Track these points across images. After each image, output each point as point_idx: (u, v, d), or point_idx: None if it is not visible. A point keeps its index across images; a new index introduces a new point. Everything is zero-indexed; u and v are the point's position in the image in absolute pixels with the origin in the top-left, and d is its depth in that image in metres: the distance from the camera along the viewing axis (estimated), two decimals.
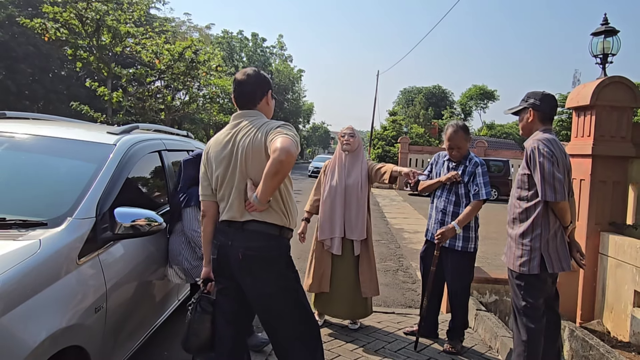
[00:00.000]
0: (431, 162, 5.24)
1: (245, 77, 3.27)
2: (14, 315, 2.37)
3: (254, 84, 3.28)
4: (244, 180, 3.08)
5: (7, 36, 29.90)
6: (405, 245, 11.70)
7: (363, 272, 5.12)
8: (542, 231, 3.78)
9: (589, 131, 5.57)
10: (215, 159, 3.20)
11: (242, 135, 3.11)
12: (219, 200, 3.24)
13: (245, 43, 57.00)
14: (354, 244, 5.12)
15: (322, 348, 3.38)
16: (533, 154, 3.75)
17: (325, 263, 5.16)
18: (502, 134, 57.75)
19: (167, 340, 4.81)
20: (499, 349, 4.87)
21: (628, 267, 5.02)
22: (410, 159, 33.67)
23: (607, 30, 6.86)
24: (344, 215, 5.09)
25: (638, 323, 4.83)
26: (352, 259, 5.14)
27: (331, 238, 5.10)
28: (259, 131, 3.06)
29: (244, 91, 3.27)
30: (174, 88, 20.58)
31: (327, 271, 5.14)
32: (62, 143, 3.87)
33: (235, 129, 3.18)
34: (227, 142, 3.17)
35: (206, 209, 3.32)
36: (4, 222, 2.93)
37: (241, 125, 3.17)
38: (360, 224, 5.08)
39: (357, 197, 5.09)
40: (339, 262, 5.13)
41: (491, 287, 6.05)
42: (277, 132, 2.96)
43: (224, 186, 3.17)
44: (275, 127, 3.02)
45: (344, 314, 5.27)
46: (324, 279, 5.13)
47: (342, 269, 5.12)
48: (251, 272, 3.11)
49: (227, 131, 3.23)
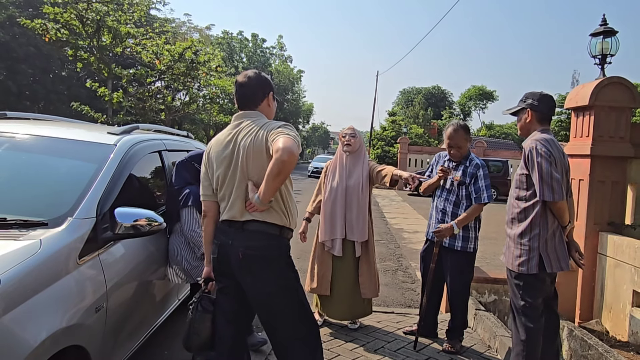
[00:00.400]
0: (432, 162, 5.24)
1: (246, 80, 3.27)
2: (14, 315, 2.37)
3: (255, 86, 3.27)
4: (244, 180, 3.08)
5: (8, 37, 29.89)
6: (404, 245, 11.70)
7: (363, 273, 5.11)
8: (541, 231, 3.78)
9: (588, 131, 5.57)
10: (216, 159, 3.20)
11: (243, 135, 3.10)
12: (219, 200, 3.24)
13: (245, 44, 56.99)
14: (355, 246, 5.10)
15: (321, 348, 3.37)
16: (531, 154, 3.75)
17: (326, 265, 5.14)
18: (501, 134, 57.78)
19: (167, 340, 4.81)
20: (497, 349, 4.87)
21: (627, 267, 5.02)
22: (410, 159, 33.68)
23: (606, 31, 6.86)
24: (345, 216, 5.07)
25: (637, 323, 4.83)
26: (353, 260, 5.12)
27: (332, 239, 5.09)
28: (260, 130, 3.06)
29: (245, 93, 3.26)
30: (174, 88, 20.58)
31: (327, 273, 5.13)
32: (62, 143, 3.87)
33: (236, 129, 3.17)
34: (228, 142, 3.17)
35: (207, 209, 3.31)
36: (4, 222, 2.93)
37: (242, 125, 3.17)
38: (361, 225, 5.06)
39: (358, 198, 5.07)
40: (339, 263, 5.12)
41: (490, 286, 6.05)
42: (278, 132, 2.96)
43: (225, 186, 3.17)
44: (277, 127, 3.02)
45: (344, 315, 5.26)
46: (325, 281, 5.11)
47: (342, 271, 5.11)
48: (251, 272, 3.11)
49: (228, 131, 3.23)
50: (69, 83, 34.34)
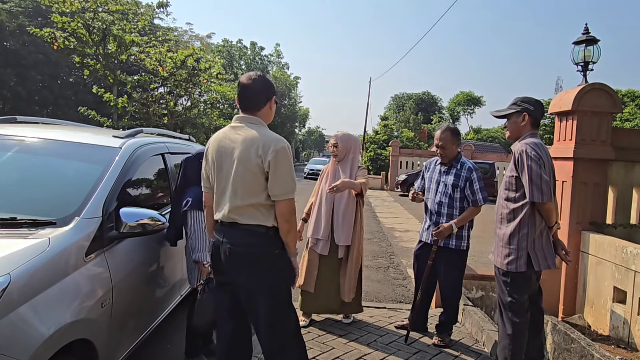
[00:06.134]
0: (423, 170, 5.24)
1: (250, 82, 3.16)
2: (25, 310, 2.38)
3: (260, 89, 3.17)
4: (233, 189, 3.04)
5: (18, 45, 29.84)
6: (396, 244, 11.68)
7: (342, 276, 5.09)
8: (529, 231, 3.79)
9: (571, 135, 5.58)
10: (212, 157, 3.16)
11: (241, 143, 3.03)
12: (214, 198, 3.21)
13: (244, 51, 57.06)
14: (339, 248, 5.07)
15: (304, 347, 3.35)
16: (521, 157, 3.75)
17: (313, 262, 5.12)
18: (488, 137, 57.78)
19: (169, 334, 4.80)
20: (484, 342, 4.87)
21: (608, 264, 5.03)
22: (401, 161, 33.71)
23: (588, 39, 6.88)
24: (332, 219, 5.05)
25: (617, 317, 4.84)
26: (337, 261, 5.10)
27: (316, 238, 5.09)
28: (256, 144, 2.99)
29: (249, 95, 3.16)
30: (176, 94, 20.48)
31: (314, 271, 5.10)
32: (70, 146, 3.87)
33: (235, 133, 3.10)
34: (224, 145, 3.11)
35: (207, 199, 3.30)
36: (15, 222, 2.93)
37: (241, 131, 3.10)
38: (345, 230, 5.01)
39: (344, 203, 5.04)
40: (324, 262, 5.09)
41: (478, 283, 6.06)
42: (276, 170, 2.98)
43: (216, 186, 3.16)
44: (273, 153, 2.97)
45: (318, 309, 5.24)
46: (310, 278, 5.08)
47: (326, 269, 5.09)
48: (237, 269, 3.08)
49: (226, 132, 3.17)
50: (76, 89, 34.27)
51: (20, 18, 29.37)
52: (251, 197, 3.01)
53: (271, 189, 3.00)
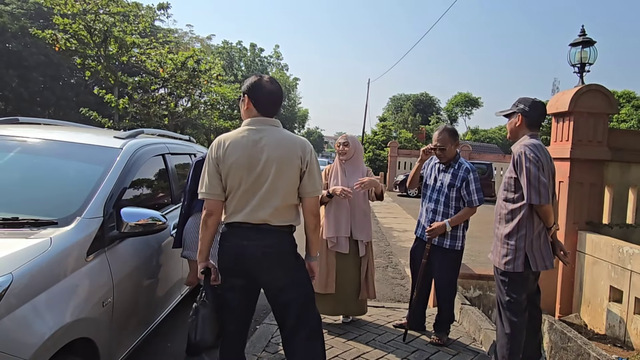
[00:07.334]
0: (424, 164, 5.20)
1: (275, 87, 3.22)
2: (27, 309, 2.38)
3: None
4: (272, 190, 3.03)
5: (20, 46, 29.87)
6: (394, 244, 11.69)
7: (364, 272, 5.04)
8: (527, 232, 3.78)
9: (568, 136, 5.58)
10: (234, 161, 3.03)
11: (273, 147, 3.04)
12: (229, 201, 3.10)
13: (244, 53, 57.06)
14: (359, 245, 5.02)
15: (323, 340, 3.37)
16: (520, 158, 3.74)
17: (330, 263, 4.98)
18: (485, 138, 57.77)
19: (170, 333, 4.80)
20: (482, 341, 4.87)
21: (604, 264, 5.03)
22: (399, 161, 33.67)
23: (585, 41, 6.90)
24: (350, 216, 4.99)
25: (613, 316, 4.84)
26: (356, 259, 5.03)
27: (337, 237, 4.98)
28: (294, 147, 3.11)
29: (276, 101, 3.22)
30: (176, 95, 20.48)
31: (332, 272, 4.98)
32: (71, 147, 3.87)
33: (260, 135, 3.06)
34: (250, 146, 3.04)
35: (213, 208, 3.08)
36: (17, 222, 2.93)
37: (267, 133, 3.08)
38: (367, 226, 5.03)
39: (361, 200, 5.04)
40: (342, 261, 4.99)
41: (475, 282, 6.06)
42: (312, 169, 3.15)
43: (242, 190, 3.05)
44: (309, 153, 3.15)
45: (338, 311, 5.19)
46: (330, 280, 4.96)
47: (345, 269, 4.99)
48: (268, 269, 3.09)
49: (248, 134, 3.08)
50: (77, 90, 34.31)
51: (22, 20, 29.41)
52: (290, 197, 3.12)
53: (306, 186, 3.14)
